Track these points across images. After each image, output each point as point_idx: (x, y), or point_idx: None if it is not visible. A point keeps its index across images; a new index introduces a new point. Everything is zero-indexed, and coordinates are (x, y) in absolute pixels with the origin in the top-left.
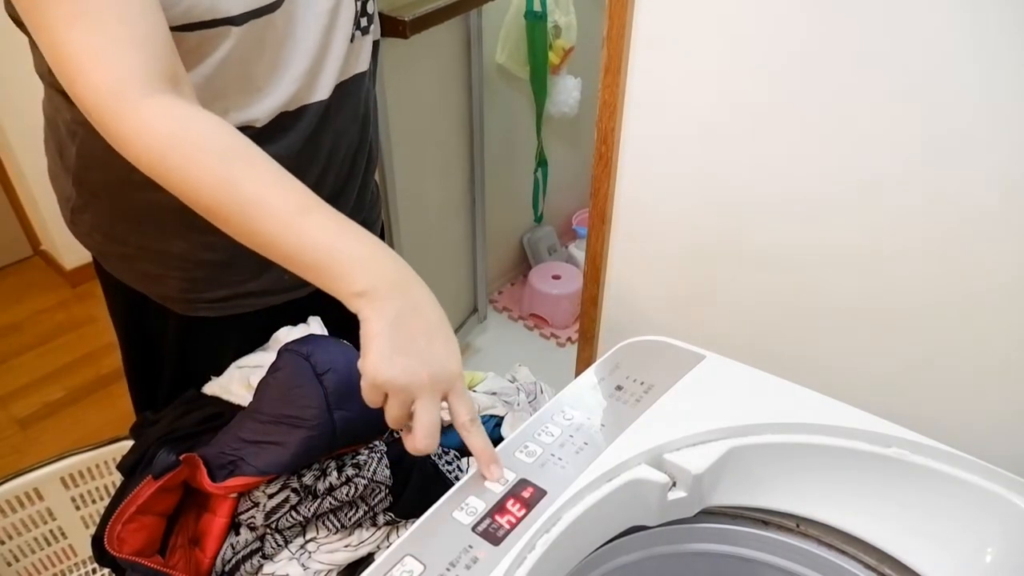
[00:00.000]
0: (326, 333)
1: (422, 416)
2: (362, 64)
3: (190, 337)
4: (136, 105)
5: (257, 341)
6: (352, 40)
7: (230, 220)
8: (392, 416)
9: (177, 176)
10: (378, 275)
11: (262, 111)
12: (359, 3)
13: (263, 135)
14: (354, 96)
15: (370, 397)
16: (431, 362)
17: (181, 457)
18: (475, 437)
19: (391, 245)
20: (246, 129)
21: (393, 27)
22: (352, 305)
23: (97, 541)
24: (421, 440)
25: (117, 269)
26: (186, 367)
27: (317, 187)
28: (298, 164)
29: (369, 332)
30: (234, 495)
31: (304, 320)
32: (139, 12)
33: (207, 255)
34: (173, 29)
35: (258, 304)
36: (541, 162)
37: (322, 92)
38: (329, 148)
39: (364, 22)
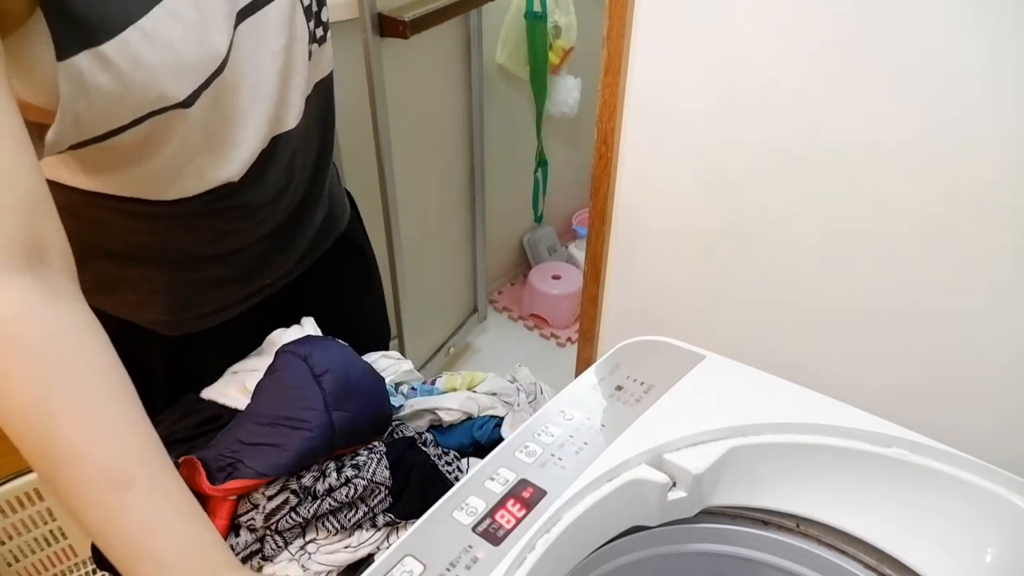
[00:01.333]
0: (320, 333)
1: None
2: (324, 70)
3: (178, 352)
4: None
5: (242, 340)
6: (311, 57)
7: (37, 467)
8: None
9: None
10: None
11: (236, 165)
12: (311, 22)
13: (244, 181)
14: (316, 101)
15: None
16: None
17: (180, 459)
18: None
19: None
20: (225, 186)
21: (393, 27)
22: None
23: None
24: None
25: (100, 303)
26: (178, 380)
27: (281, 196)
28: (271, 186)
29: None
30: (233, 497)
31: (281, 313)
32: (5, 172)
33: (191, 276)
34: (126, 127)
35: (242, 308)
36: (541, 162)
37: (291, 122)
38: (301, 163)
39: (320, 32)
